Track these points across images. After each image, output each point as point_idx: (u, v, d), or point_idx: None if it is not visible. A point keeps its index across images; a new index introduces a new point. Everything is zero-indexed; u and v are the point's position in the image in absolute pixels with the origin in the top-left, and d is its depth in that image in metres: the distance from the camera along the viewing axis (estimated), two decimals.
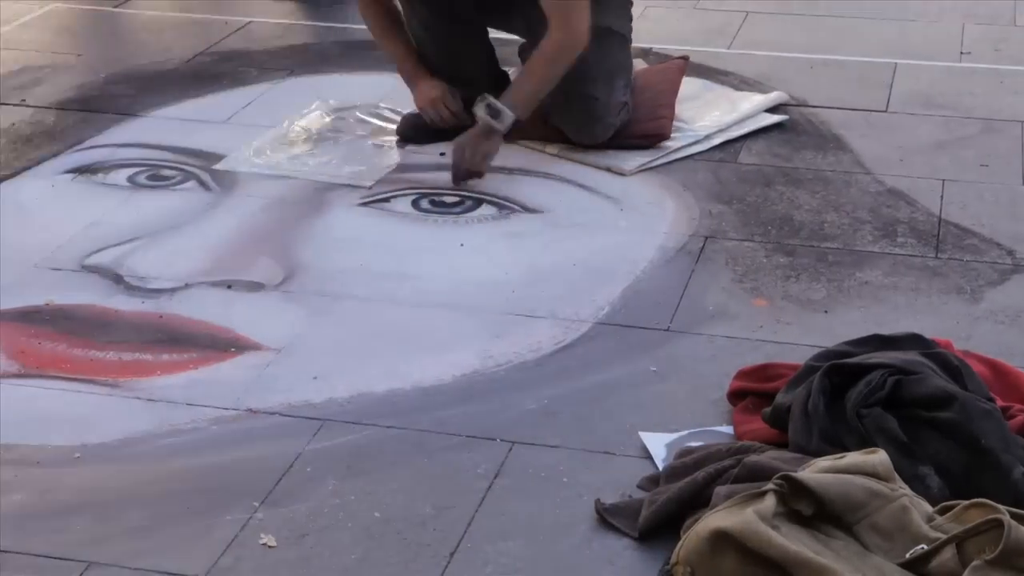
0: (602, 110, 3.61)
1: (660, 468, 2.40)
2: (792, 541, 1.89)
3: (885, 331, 2.60)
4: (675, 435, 2.50)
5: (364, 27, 4.53)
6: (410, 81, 3.75)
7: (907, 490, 2.01)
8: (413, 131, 3.77)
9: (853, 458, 2.03)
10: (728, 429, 2.51)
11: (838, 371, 2.30)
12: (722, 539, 1.94)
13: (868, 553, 1.91)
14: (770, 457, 2.19)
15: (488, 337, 2.84)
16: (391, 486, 2.39)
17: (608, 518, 2.28)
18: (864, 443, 2.17)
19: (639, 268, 3.12)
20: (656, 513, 2.23)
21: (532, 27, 3.56)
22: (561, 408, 2.61)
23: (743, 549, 1.92)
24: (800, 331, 2.83)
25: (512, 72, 3.79)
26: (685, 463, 2.33)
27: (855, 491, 1.97)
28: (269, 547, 2.25)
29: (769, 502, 1.94)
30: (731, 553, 1.93)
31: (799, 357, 2.61)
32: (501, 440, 2.51)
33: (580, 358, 2.77)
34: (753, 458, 2.18)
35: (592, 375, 2.71)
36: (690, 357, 2.76)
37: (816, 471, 2.02)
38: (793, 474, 1.98)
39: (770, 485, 1.97)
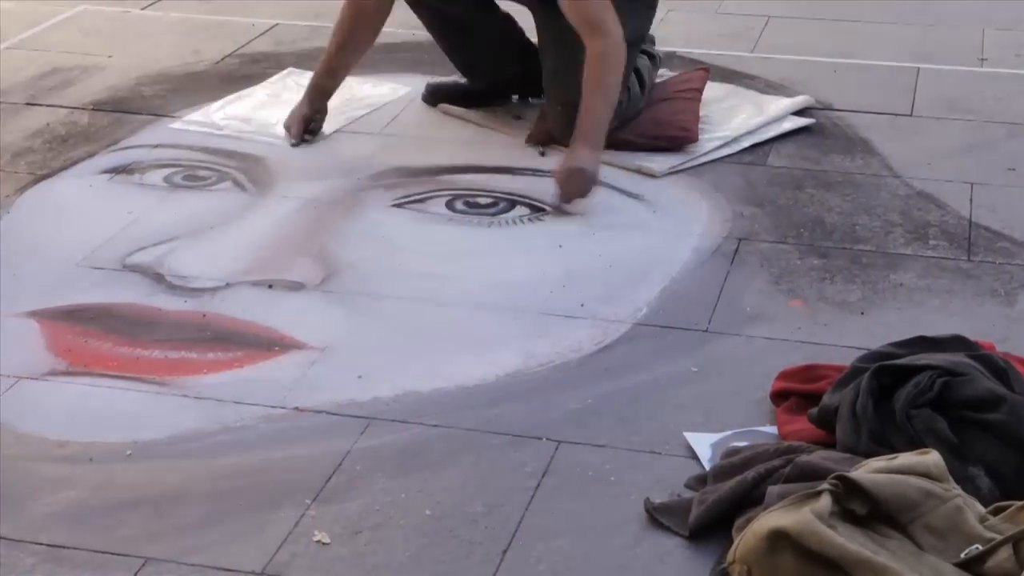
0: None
1: (706, 468, 2.43)
2: (850, 541, 1.92)
3: (922, 332, 2.62)
4: (720, 435, 2.52)
5: (391, 29, 4.59)
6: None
7: (960, 491, 2.04)
8: (432, 96, 4.00)
9: (906, 459, 2.07)
10: (772, 429, 2.53)
11: (886, 372, 2.33)
12: (779, 538, 1.97)
13: (923, 553, 1.94)
14: (820, 457, 2.22)
15: (529, 337, 2.87)
16: (441, 484, 2.42)
17: (658, 517, 2.30)
18: (913, 444, 2.20)
19: (675, 269, 3.15)
20: (706, 512, 2.26)
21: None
22: (605, 408, 2.64)
23: (801, 548, 1.95)
24: (838, 333, 2.86)
25: None
26: (733, 463, 2.36)
27: (909, 491, 2.00)
28: (323, 544, 2.28)
29: (824, 502, 1.97)
30: (788, 552, 1.96)
31: (839, 358, 2.65)
32: (547, 439, 2.54)
33: (621, 358, 2.80)
34: (804, 458, 2.21)
35: (634, 375, 2.74)
36: (730, 358, 2.79)
37: (869, 471, 2.05)
38: (848, 474, 2.01)
39: (825, 485, 1.99)
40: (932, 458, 2.05)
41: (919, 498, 1.99)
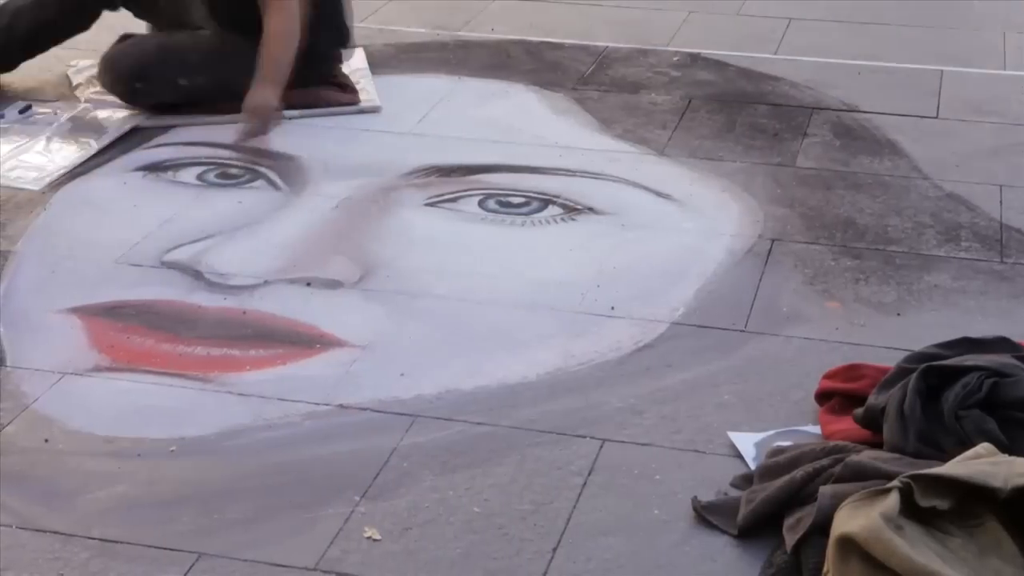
0: None
1: (751, 467, 2.44)
2: (916, 547, 1.90)
3: (958, 334, 2.64)
4: (763, 434, 2.54)
5: (416, 30, 4.63)
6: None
7: None
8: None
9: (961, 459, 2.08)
10: (815, 428, 2.55)
11: (933, 373, 2.34)
12: (847, 544, 1.96)
13: (985, 554, 1.94)
14: (870, 457, 2.24)
15: (568, 336, 2.89)
16: (488, 481, 2.44)
17: (706, 516, 2.32)
18: (962, 444, 2.21)
19: (709, 270, 3.16)
20: (755, 511, 2.27)
21: None
22: (647, 407, 2.65)
23: (868, 556, 1.94)
24: (876, 333, 2.88)
25: None
26: (779, 462, 2.38)
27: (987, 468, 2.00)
28: (374, 540, 2.29)
29: (892, 500, 1.96)
30: (855, 558, 1.95)
31: (878, 359, 2.67)
32: (591, 438, 2.56)
33: (661, 358, 2.82)
34: (854, 458, 2.23)
35: (674, 374, 2.76)
36: (769, 358, 2.81)
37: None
38: (924, 472, 2.00)
39: (895, 483, 1.99)
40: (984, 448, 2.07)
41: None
